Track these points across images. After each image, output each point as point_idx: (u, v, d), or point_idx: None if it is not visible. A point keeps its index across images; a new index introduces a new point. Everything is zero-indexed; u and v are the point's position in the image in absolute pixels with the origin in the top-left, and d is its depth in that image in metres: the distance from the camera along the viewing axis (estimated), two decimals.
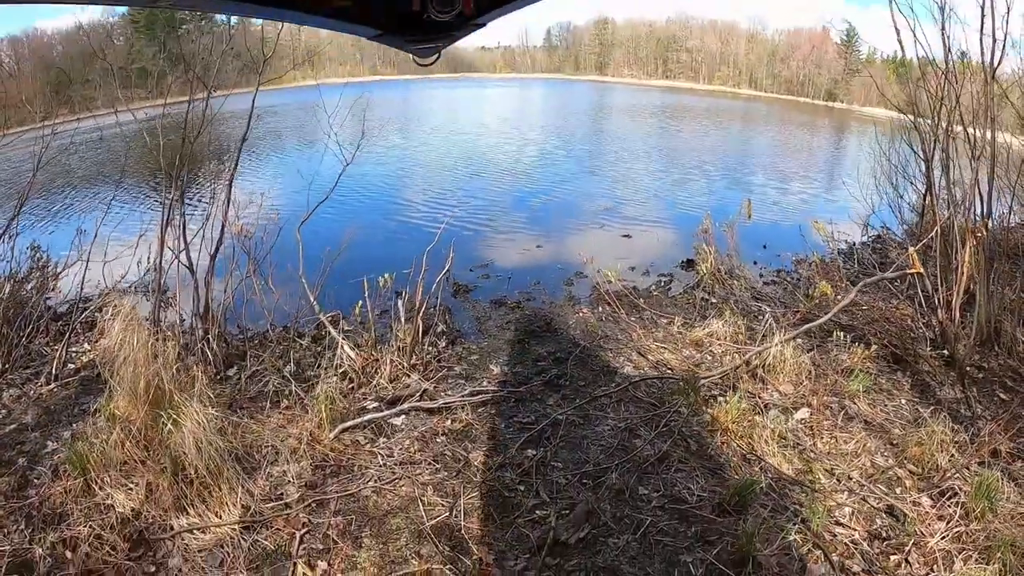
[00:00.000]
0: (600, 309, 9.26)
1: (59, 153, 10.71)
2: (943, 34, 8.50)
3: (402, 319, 7.60)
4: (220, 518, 4.87)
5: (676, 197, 19.68)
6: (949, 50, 8.55)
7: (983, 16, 7.90)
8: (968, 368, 7.29)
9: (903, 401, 6.81)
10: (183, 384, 5.94)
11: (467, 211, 16.54)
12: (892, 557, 4.57)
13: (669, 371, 7.22)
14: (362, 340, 7.68)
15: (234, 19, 9.36)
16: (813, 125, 54.09)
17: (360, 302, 7.82)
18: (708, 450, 5.74)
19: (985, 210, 8.32)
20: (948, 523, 4.78)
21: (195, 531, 4.78)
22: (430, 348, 7.82)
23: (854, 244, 12.83)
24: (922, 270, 7.96)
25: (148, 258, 10.28)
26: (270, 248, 8.54)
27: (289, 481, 5.33)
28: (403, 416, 6.45)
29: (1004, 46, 7.87)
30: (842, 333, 7.81)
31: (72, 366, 8.20)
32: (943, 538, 4.64)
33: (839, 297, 8.88)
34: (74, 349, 8.58)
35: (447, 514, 4.96)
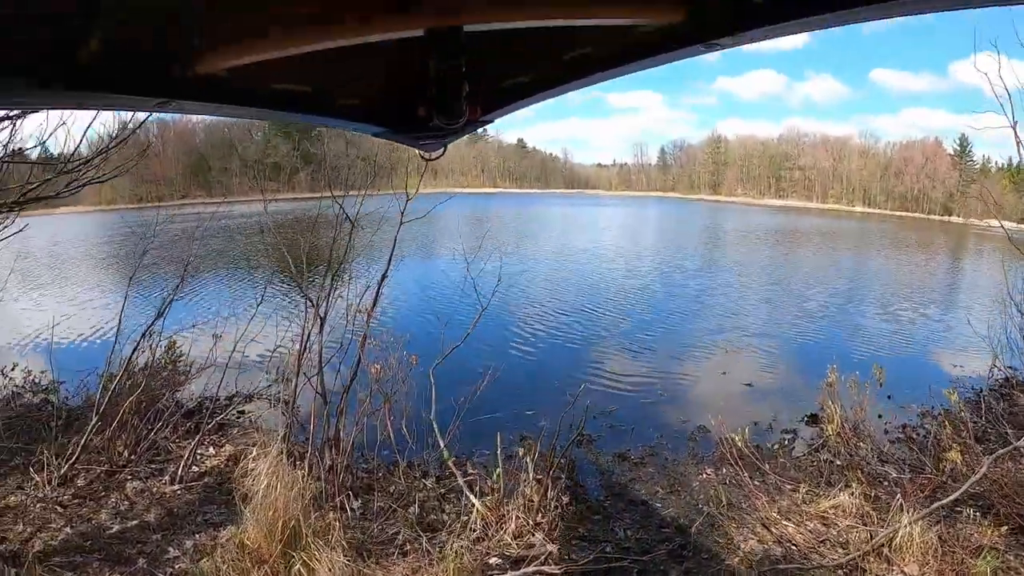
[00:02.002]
0: (724, 471, 9.21)
1: (183, 236, 11.57)
2: None
3: (530, 475, 7.74)
4: None
5: (793, 337, 19.58)
6: None
7: None
8: None
9: None
10: (318, 530, 6.27)
11: (584, 351, 16.97)
12: None
13: (794, 547, 7.14)
14: (487, 487, 7.82)
15: None
16: (929, 246, 52.80)
17: (498, 469, 7.87)
18: None
19: None
20: None
21: None
22: (554, 504, 7.85)
23: (981, 391, 12.43)
24: None
25: (278, 369, 10.90)
26: (404, 392, 9.00)
27: None
28: None
29: None
30: (971, 510, 7.57)
31: (196, 469, 8.67)
32: None
33: (967, 463, 8.64)
34: (199, 451, 9.09)
35: None
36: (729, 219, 75.98)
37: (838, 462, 9.47)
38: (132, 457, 8.73)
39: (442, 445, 8.51)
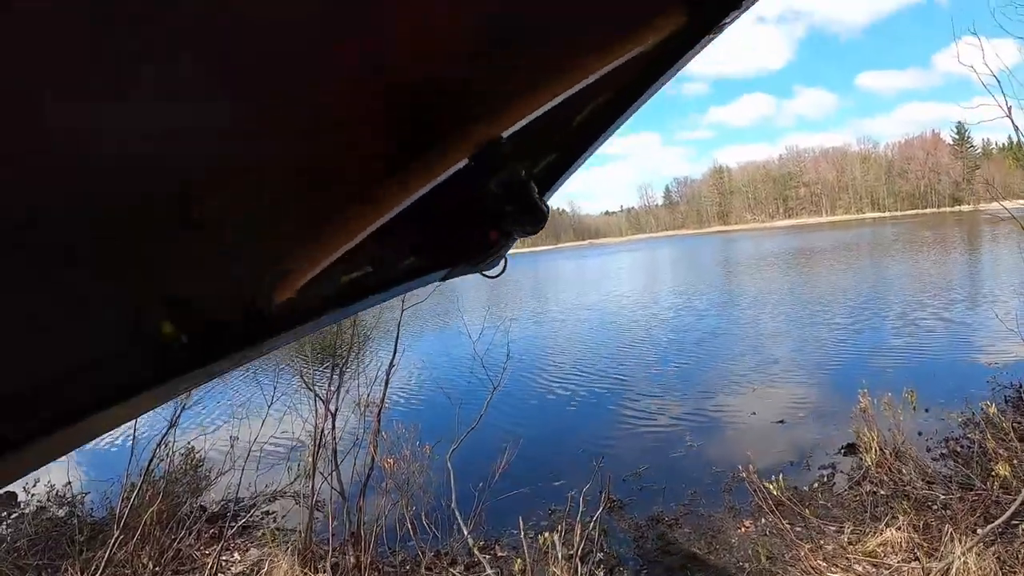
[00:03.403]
0: (763, 521, 8.80)
1: None
2: None
3: (558, 554, 7.44)
4: None
5: (819, 365, 18.98)
6: None
7: None
8: None
9: None
10: None
11: (604, 412, 16.46)
12: None
13: None
14: (516, 570, 7.60)
15: None
16: (943, 241, 52.66)
17: (518, 560, 7.72)
18: None
19: None
20: None
21: None
22: None
23: (1021, 387, 12.10)
24: None
25: (297, 466, 10.76)
26: (422, 481, 8.84)
27: None
28: None
29: None
30: None
31: None
32: None
33: (1017, 473, 8.26)
34: (224, 558, 9.01)
35: None
36: (740, 249, 76.11)
37: (882, 492, 9.07)
38: (157, 569, 8.59)
39: (466, 533, 8.26)
